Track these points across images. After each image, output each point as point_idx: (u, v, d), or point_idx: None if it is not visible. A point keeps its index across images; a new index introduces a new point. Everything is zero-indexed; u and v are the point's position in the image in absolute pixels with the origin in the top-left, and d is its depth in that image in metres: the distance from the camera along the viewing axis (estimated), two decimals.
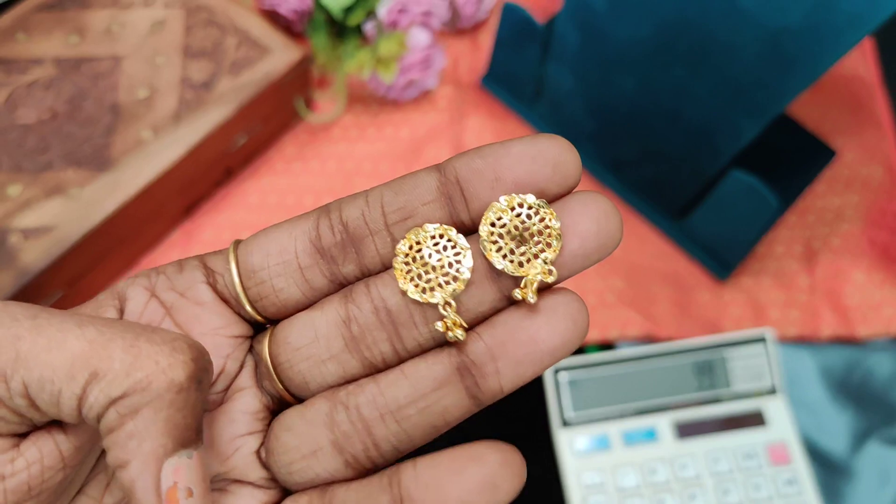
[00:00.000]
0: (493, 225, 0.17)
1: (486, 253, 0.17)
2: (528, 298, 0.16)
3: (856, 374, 0.47)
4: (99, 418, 0.15)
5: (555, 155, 0.17)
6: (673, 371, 0.44)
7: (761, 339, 0.45)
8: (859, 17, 0.33)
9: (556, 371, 0.44)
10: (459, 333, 0.17)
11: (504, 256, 0.17)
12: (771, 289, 0.49)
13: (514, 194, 0.16)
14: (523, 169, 0.16)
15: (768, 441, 0.44)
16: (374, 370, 0.18)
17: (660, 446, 0.43)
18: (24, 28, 0.49)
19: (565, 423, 0.44)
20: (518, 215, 0.16)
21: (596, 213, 0.16)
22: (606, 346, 0.48)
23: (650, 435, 0.44)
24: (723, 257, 0.49)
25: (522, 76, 0.52)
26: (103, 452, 0.18)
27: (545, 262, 0.16)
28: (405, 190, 0.17)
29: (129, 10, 0.50)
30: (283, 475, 0.18)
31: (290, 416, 0.18)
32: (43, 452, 0.17)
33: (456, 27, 0.57)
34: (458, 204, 0.17)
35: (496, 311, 0.17)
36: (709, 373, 0.45)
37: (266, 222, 0.50)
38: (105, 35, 0.49)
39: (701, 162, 0.45)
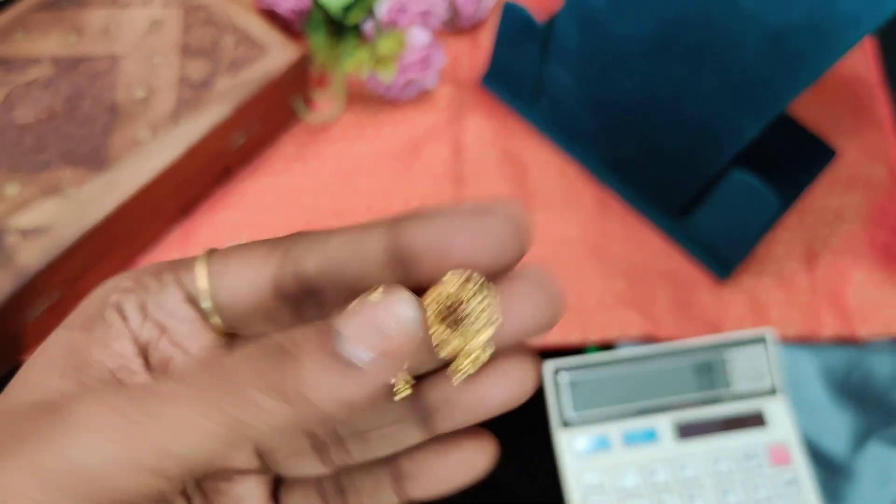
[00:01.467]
0: (431, 303, 0.17)
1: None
2: (462, 373, 0.17)
3: (856, 374, 0.47)
4: None
5: (505, 234, 0.16)
6: (673, 371, 0.44)
7: (762, 340, 0.45)
8: (860, 16, 0.33)
9: (557, 371, 0.44)
10: (406, 392, 0.18)
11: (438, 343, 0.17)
12: (771, 289, 0.49)
13: (457, 272, 0.16)
14: (472, 247, 0.16)
15: (768, 441, 0.44)
16: None
17: (660, 447, 0.43)
18: (22, 27, 0.49)
19: (565, 424, 0.44)
20: (457, 296, 0.16)
21: (540, 301, 0.17)
22: (606, 346, 0.48)
23: (650, 435, 0.44)
24: (723, 257, 0.49)
25: (522, 75, 0.52)
26: None
27: (479, 344, 0.17)
28: (355, 258, 0.17)
29: (127, 9, 0.50)
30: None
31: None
32: None
33: (455, 26, 0.57)
34: (406, 273, 0.17)
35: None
36: (709, 373, 0.45)
37: (264, 222, 0.50)
38: (103, 34, 0.49)
39: (702, 161, 0.45)
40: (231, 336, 0.19)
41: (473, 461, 0.19)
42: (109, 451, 0.14)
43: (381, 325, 0.14)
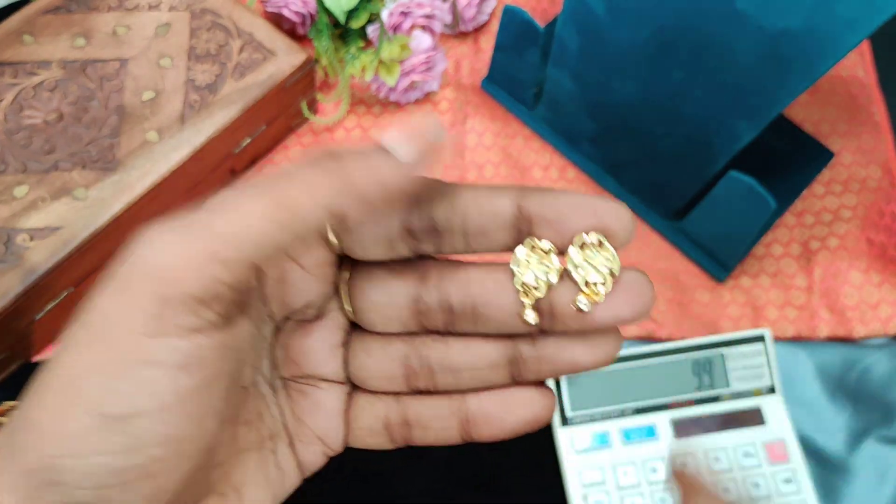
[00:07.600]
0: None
1: (573, 272, 0.19)
2: (580, 305, 0.19)
3: (853, 373, 0.48)
4: None
5: (617, 220, 0.19)
6: (672, 370, 0.45)
7: (760, 339, 0.45)
8: (857, 21, 0.34)
9: None
10: (534, 317, 0.20)
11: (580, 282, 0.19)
12: (769, 289, 0.50)
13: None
14: (586, 223, 0.19)
15: (767, 439, 0.44)
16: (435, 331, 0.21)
17: (659, 444, 0.44)
18: (30, 30, 0.49)
19: (566, 422, 0.44)
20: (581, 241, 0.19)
21: (636, 297, 0.19)
22: None
23: (650, 433, 0.44)
24: (721, 258, 0.49)
25: (523, 79, 0.53)
26: None
27: (606, 277, 0.19)
28: (486, 211, 0.19)
29: (135, 12, 0.50)
30: (359, 381, 0.22)
31: (371, 345, 0.22)
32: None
33: (457, 30, 0.58)
34: (520, 234, 0.20)
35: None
36: (708, 372, 0.45)
37: None
38: (111, 37, 0.49)
39: (699, 163, 0.45)
40: (345, 257, 0.21)
41: (534, 410, 0.21)
42: (175, 247, 0.16)
43: (414, 126, 0.17)
